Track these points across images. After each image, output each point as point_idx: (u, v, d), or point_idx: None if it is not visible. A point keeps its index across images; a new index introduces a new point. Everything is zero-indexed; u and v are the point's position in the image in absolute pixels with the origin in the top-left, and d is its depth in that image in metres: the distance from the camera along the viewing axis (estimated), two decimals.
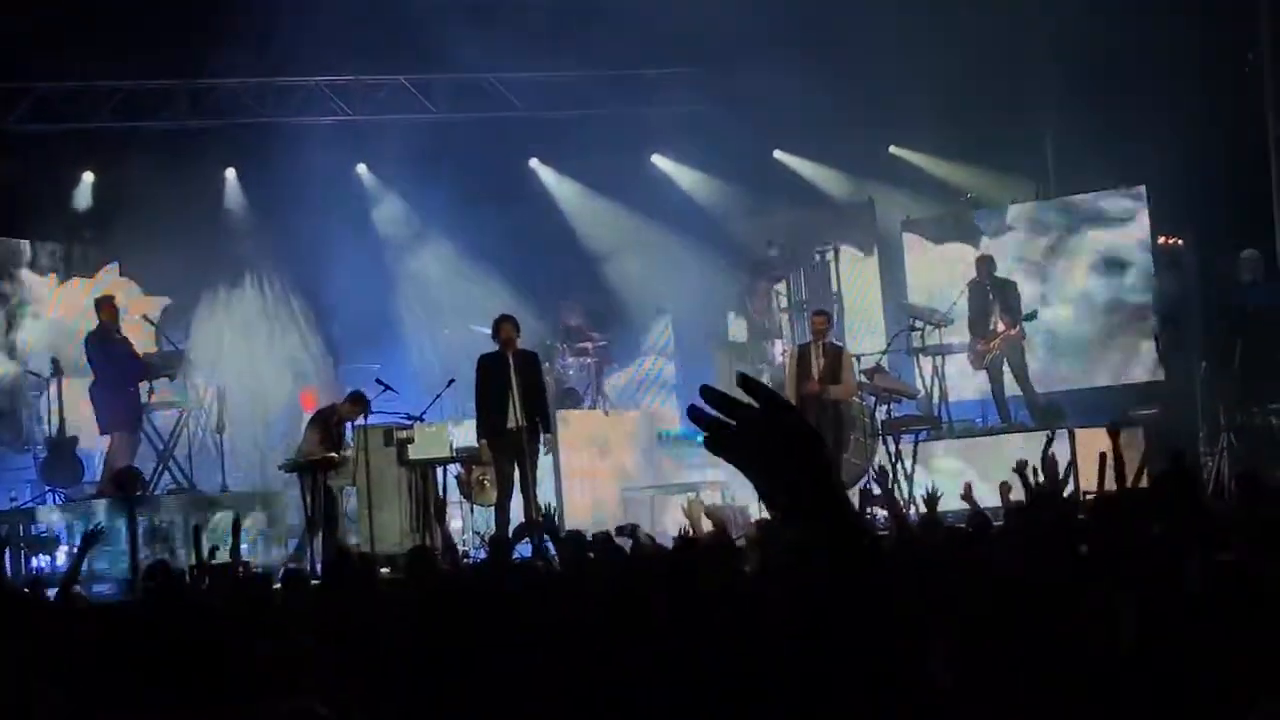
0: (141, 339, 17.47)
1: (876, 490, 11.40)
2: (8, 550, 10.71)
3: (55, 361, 17.92)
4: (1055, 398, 17.65)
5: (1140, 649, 4.68)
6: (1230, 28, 17.43)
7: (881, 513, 11.67)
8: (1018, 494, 9.91)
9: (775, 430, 2.32)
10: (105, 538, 12.29)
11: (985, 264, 17.81)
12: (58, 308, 19.01)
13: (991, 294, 17.51)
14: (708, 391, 2.36)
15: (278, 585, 9.16)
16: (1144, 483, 11.40)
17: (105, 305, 16.83)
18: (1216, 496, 13.04)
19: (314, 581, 9.84)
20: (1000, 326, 17.32)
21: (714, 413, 2.35)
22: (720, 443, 2.34)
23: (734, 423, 2.33)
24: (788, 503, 2.31)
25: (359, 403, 15.51)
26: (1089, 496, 12.68)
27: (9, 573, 10.21)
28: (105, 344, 16.53)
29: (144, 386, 16.77)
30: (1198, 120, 17.08)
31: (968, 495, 11.40)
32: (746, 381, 2.38)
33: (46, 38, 18.75)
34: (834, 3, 19.06)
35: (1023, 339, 17.49)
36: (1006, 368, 17.34)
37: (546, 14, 19.10)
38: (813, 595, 2.26)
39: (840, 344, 15.58)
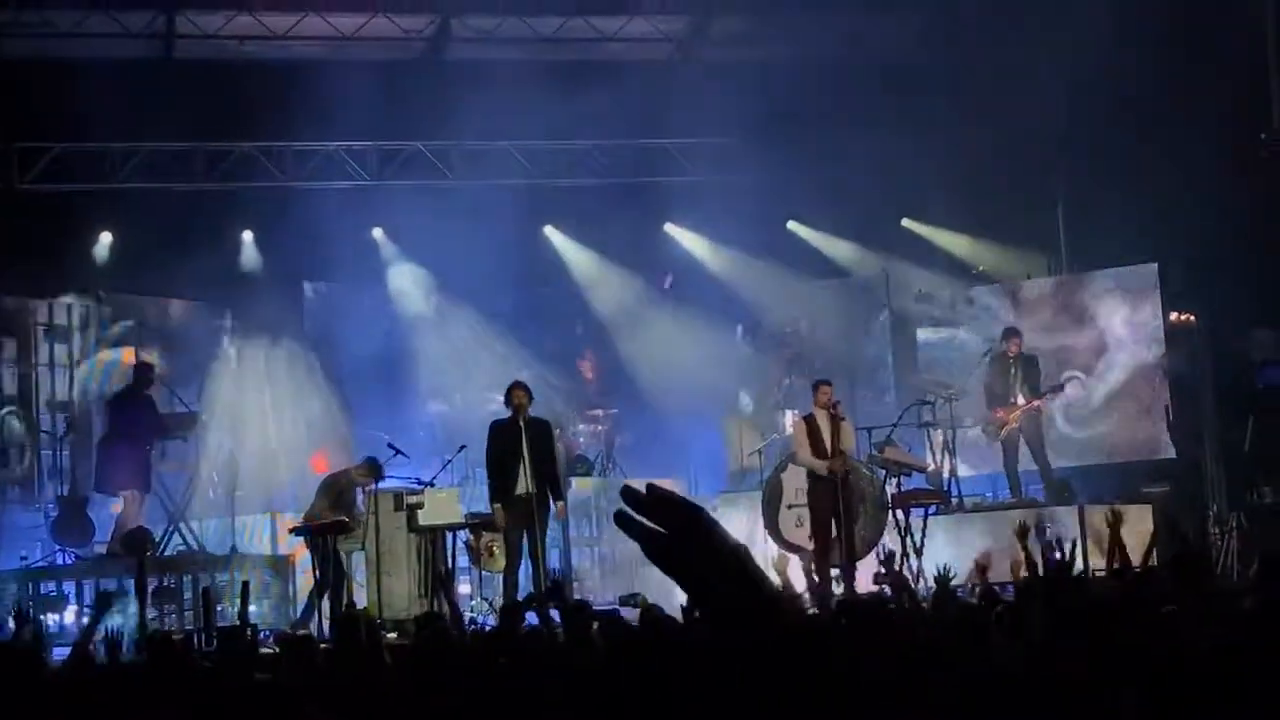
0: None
1: (884, 570, 11.41)
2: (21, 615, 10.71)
3: (68, 420, 17.99)
4: (1065, 474, 17.62)
5: None
6: (1245, 106, 17.51)
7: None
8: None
9: (691, 541, 2.34)
10: (119, 599, 12.27)
11: (1013, 337, 17.78)
12: (73, 368, 19.09)
13: (1014, 367, 17.49)
14: (628, 493, 2.39)
15: (278, 649, 9.16)
16: (1153, 560, 11.41)
17: (142, 369, 17.04)
18: (1225, 576, 13.02)
19: (322, 645, 9.83)
20: (1020, 400, 17.30)
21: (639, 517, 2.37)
22: (651, 553, 2.37)
23: (660, 530, 2.35)
24: (716, 607, 2.33)
25: (372, 469, 15.53)
26: (1098, 574, 12.70)
27: (16, 635, 10.17)
28: (132, 401, 16.69)
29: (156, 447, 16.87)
30: (1211, 198, 17.14)
31: (982, 570, 11.41)
32: (632, 497, 2.38)
33: (66, 99, 18.91)
34: (847, 78, 19.18)
35: (1040, 413, 17.46)
36: (1023, 441, 17.31)
37: (562, 82, 19.24)
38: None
39: (843, 416, 15.56)
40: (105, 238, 20.05)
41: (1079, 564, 13.56)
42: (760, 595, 2.32)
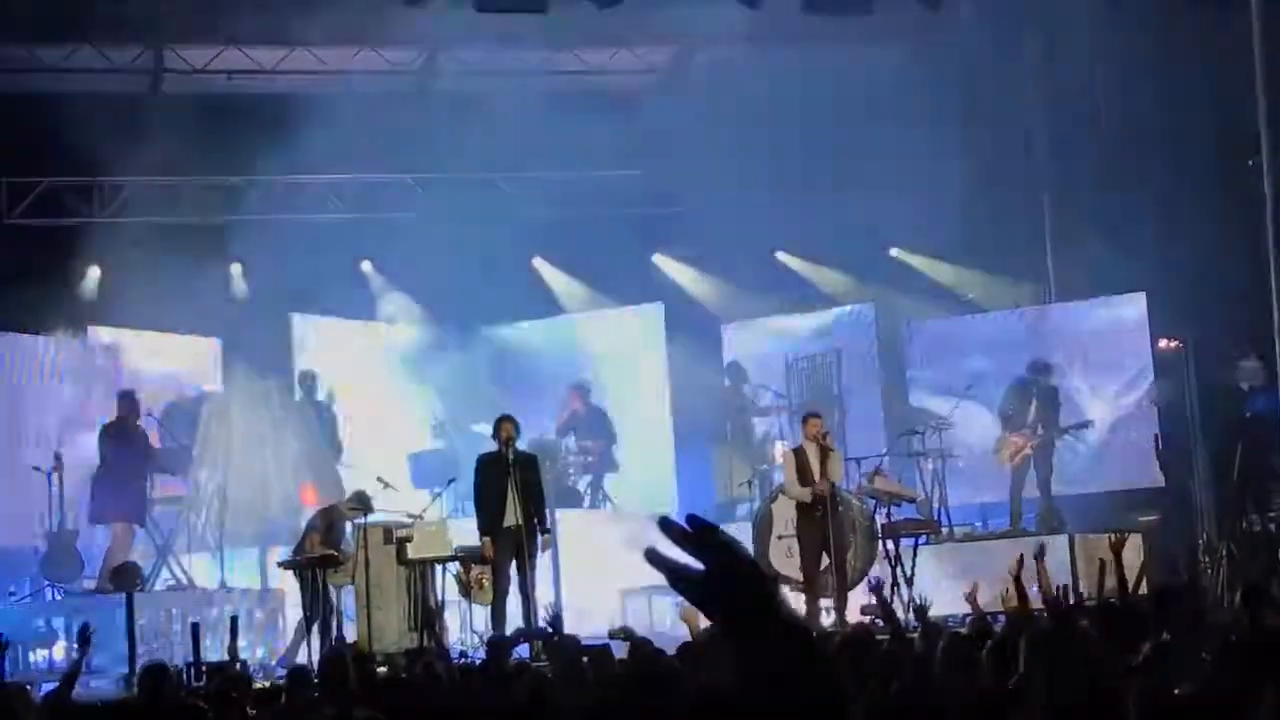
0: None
1: (873, 601, 11.40)
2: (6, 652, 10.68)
3: (57, 455, 17.95)
4: (1054, 504, 17.63)
5: None
6: (1231, 133, 17.57)
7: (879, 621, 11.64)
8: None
9: (719, 579, 2.33)
10: (92, 632, 12.21)
11: (1040, 367, 17.81)
12: (64, 404, 19.05)
13: (1035, 394, 17.50)
14: (654, 556, 2.37)
15: (280, 682, 9.14)
16: (1143, 590, 11.41)
17: (126, 399, 17.01)
18: (1216, 606, 13.01)
19: (314, 679, 9.80)
20: (1039, 429, 17.31)
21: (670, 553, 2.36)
22: (680, 588, 2.36)
23: (691, 566, 2.34)
24: (738, 642, 2.32)
25: (361, 502, 15.53)
26: (1090, 603, 12.70)
27: (5, 673, 10.15)
28: (123, 434, 16.68)
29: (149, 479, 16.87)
30: (1198, 226, 17.18)
31: (972, 599, 11.41)
32: (670, 529, 2.38)
33: (54, 133, 18.93)
34: (834, 108, 19.24)
35: (1054, 445, 17.47)
36: (1032, 472, 17.34)
37: (547, 114, 19.28)
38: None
39: (833, 447, 15.56)
40: (94, 271, 20.03)
41: (1070, 595, 13.58)
42: (796, 631, 2.32)
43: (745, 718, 2.25)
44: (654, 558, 2.35)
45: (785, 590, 15.25)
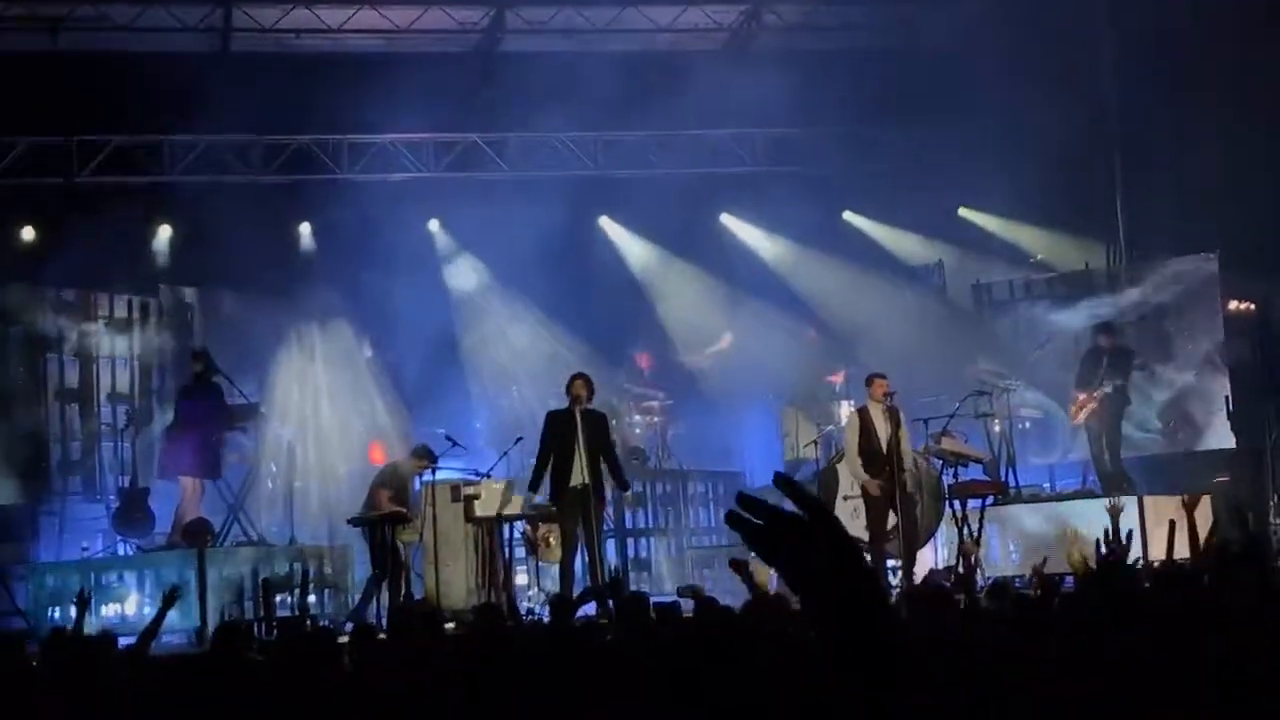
0: None
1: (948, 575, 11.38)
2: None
3: (129, 413, 18.16)
4: (1124, 464, 17.51)
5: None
6: None
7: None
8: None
9: (812, 539, 2.31)
10: (181, 594, 12.34)
11: (1107, 332, 17.66)
12: (134, 360, 19.25)
13: (1106, 359, 17.35)
14: (744, 499, 2.36)
15: (344, 638, 9.22)
16: (1212, 553, 11.32)
17: (201, 356, 17.16)
18: None
19: (380, 635, 9.89)
20: (1108, 389, 17.17)
21: (751, 516, 2.34)
22: (758, 546, 2.34)
23: (768, 529, 2.32)
24: (821, 610, 2.31)
25: (424, 457, 15.61)
26: (1157, 565, 12.63)
27: (78, 623, 10.27)
28: (198, 391, 16.85)
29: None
30: (1272, 185, 16.99)
31: (1039, 571, 11.38)
32: (788, 485, 2.37)
33: (123, 92, 19.06)
34: (901, 66, 19.12)
35: (1121, 398, 17.26)
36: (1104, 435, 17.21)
37: (617, 73, 19.23)
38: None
39: (898, 408, 15.48)
40: (164, 230, 20.19)
41: (1137, 555, 13.50)
42: (873, 592, 2.31)
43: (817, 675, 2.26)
44: (733, 519, 2.35)
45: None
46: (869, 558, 15.24)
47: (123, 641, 8.97)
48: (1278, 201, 16.80)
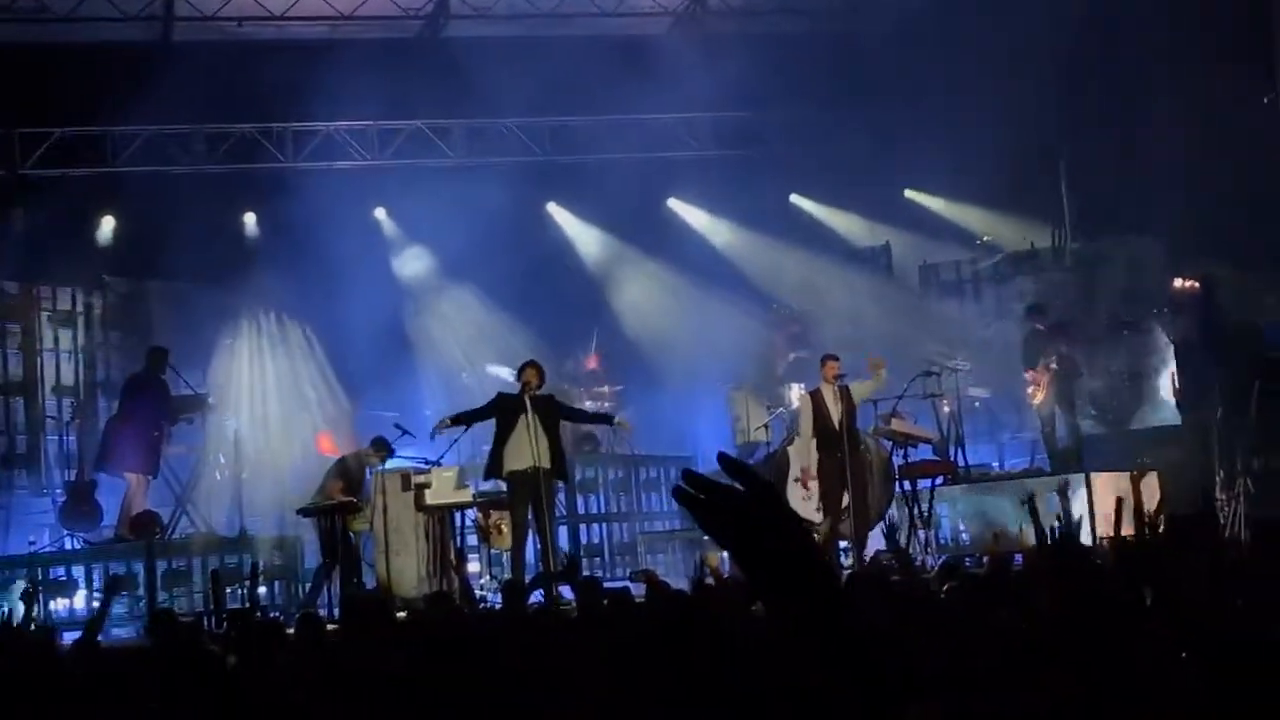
0: None
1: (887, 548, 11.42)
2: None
3: (74, 405, 18.02)
4: (1080, 432, 17.58)
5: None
6: (1248, 67, 17.45)
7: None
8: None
9: (756, 513, 2.31)
10: (128, 584, 12.29)
11: (1037, 313, 17.76)
12: (78, 353, 19.11)
13: (1045, 336, 17.46)
14: (690, 477, 2.36)
15: (291, 630, 9.17)
16: (1160, 528, 11.38)
17: (155, 353, 17.07)
18: (1232, 542, 12.98)
19: (330, 626, 9.85)
20: (1053, 364, 17.25)
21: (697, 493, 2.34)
22: (705, 523, 2.34)
23: (715, 505, 2.32)
24: (768, 583, 2.31)
25: (381, 449, 15.57)
26: (1105, 541, 12.69)
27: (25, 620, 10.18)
28: (146, 385, 16.75)
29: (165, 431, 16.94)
30: (1215, 163, 17.07)
31: (992, 547, 11.45)
32: (729, 464, 2.38)
33: (66, 84, 18.90)
34: (847, 49, 19.14)
35: (1078, 374, 17.36)
36: (1058, 410, 17.29)
37: (562, 58, 19.18)
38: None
39: (848, 384, 15.53)
40: (108, 222, 20.04)
41: (1086, 532, 13.57)
42: (822, 574, 2.31)
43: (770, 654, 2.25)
44: (682, 497, 2.34)
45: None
46: (820, 538, 15.29)
47: (71, 636, 8.91)
48: (1222, 180, 16.88)
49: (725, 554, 12.22)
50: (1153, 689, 4.72)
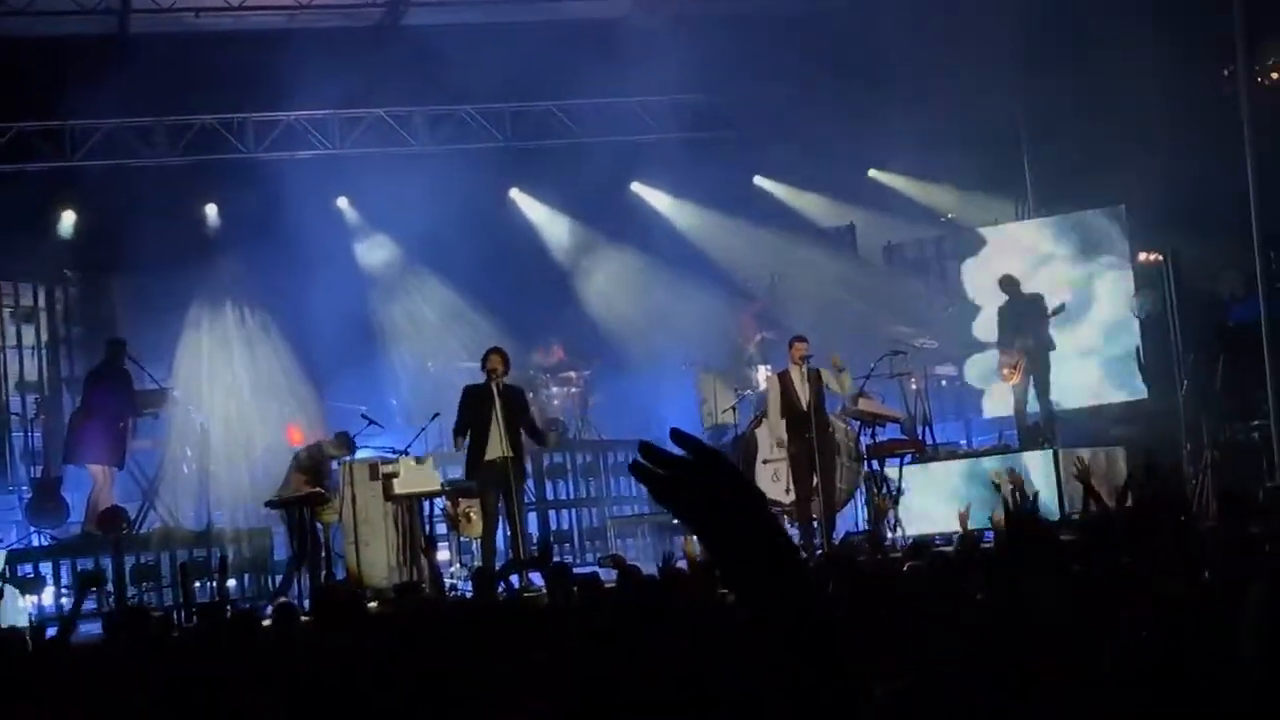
0: None
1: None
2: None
3: (39, 401, 17.94)
4: (1054, 412, 17.64)
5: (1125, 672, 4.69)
6: (1207, 41, 17.51)
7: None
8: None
9: (710, 485, 2.31)
10: (99, 580, 12.25)
11: (1010, 284, 17.82)
12: (42, 349, 19.01)
13: (1017, 310, 17.54)
14: (646, 448, 2.35)
15: (267, 621, 9.15)
16: (1128, 503, 11.45)
17: (114, 345, 17.00)
18: (1201, 515, 13.06)
19: (303, 618, 9.83)
20: (1029, 342, 17.32)
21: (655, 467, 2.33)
22: (661, 495, 2.34)
23: (673, 479, 2.32)
24: (726, 557, 2.30)
25: (344, 444, 15.53)
26: (1074, 517, 12.76)
27: None
28: (108, 377, 16.68)
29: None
30: (1176, 138, 17.13)
31: (963, 520, 11.51)
32: (680, 437, 2.37)
33: (23, 78, 18.76)
34: (809, 30, 19.13)
35: (1047, 352, 17.42)
36: (1032, 387, 17.34)
37: (522, 43, 19.13)
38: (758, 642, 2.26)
39: (816, 367, 15.55)
40: (69, 216, 19.91)
41: (1053, 509, 13.64)
42: (778, 543, 2.30)
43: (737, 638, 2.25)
44: (638, 470, 2.34)
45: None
46: (790, 519, 15.33)
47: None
48: (1185, 154, 16.94)
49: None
50: (1121, 663, 4.73)
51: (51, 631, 9.18)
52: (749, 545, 2.28)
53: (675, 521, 15.29)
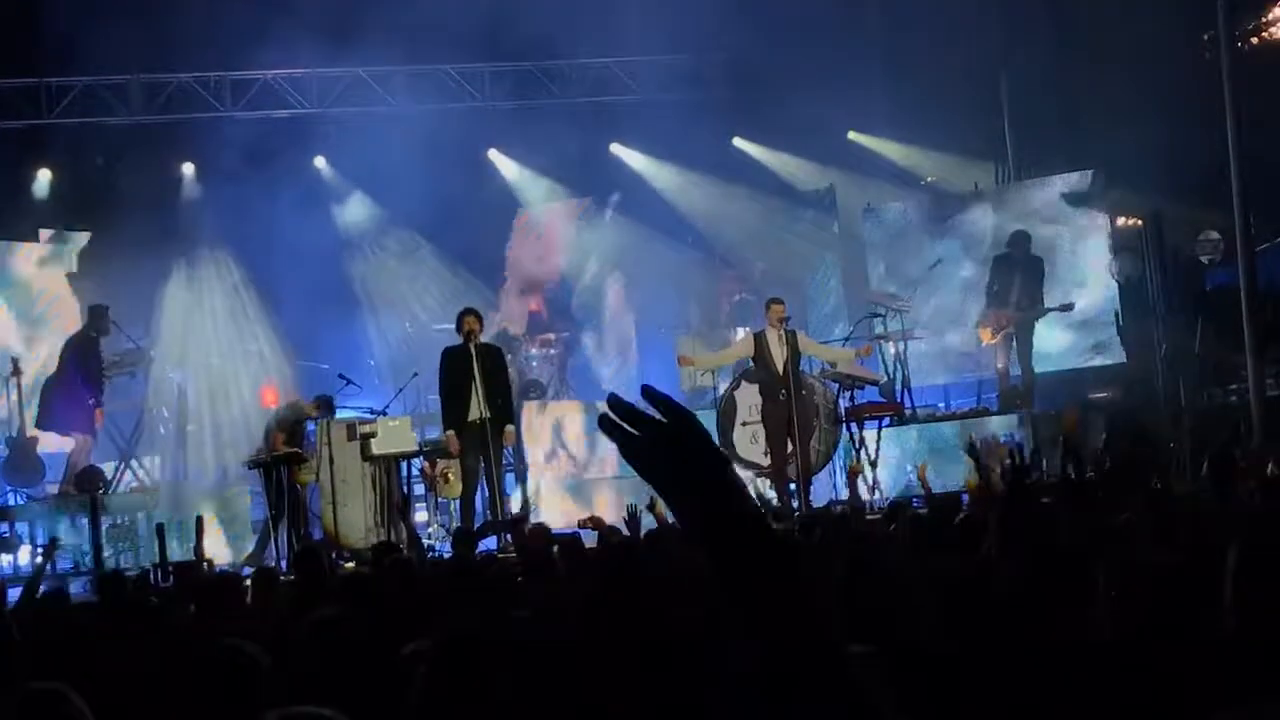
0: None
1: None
2: None
3: (14, 361, 17.84)
4: (1014, 381, 17.67)
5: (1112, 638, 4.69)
6: (1188, 5, 17.48)
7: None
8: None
9: (677, 443, 2.28)
10: (60, 546, 12.20)
11: (1020, 239, 17.80)
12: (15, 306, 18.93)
13: (1019, 270, 17.52)
14: (615, 401, 2.32)
15: (247, 582, 9.12)
16: (1106, 465, 11.46)
17: (96, 311, 16.89)
18: (1179, 478, 13.08)
19: (282, 577, 9.80)
20: (1021, 305, 17.30)
21: (622, 423, 2.30)
22: (629, 454, 2.30)
23: (638, 433, 2.29)
24: (689, 515, 2.28)
25: (322, 407, 15.49)
26: (1050, 480, 12.75)
27: None
28: (85, 347, 16.56)
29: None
30: (1157, 103, 17.11)
31: (921, 478, 11.52)
32: (651, 395, 2.34)
33: None
34: None
35: (1039, 315, 17.46)
36: (1014, 348, 17.36)
37: (500, 5, 19.02)
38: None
39: (794, 328, 15.54)
40: (44, 174, 19.80)
41: (1033, 472, 13.61)
42: (744, 503, 2.27)
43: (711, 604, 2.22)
44: (605, 424, 2.30)
45: (750, 475, 15.36)
46: (769, 482, 15.34)
47: (13, 592, 8.87)
48: (1165, 118, 16.92)
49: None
50: (1098, 631, 4.73)
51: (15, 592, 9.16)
52: (715, 511, 2.25)
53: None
